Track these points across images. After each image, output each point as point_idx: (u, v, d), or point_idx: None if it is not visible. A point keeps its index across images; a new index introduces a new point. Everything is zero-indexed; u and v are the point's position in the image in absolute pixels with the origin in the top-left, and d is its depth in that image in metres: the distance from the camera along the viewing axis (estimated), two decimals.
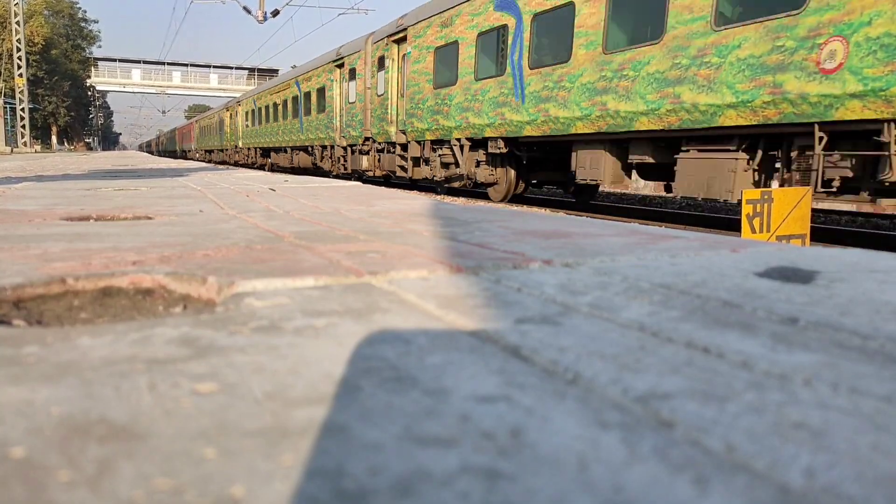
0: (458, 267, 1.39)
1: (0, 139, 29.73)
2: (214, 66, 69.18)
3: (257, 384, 0.69)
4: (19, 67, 29.55)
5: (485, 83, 9.56)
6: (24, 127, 30.50)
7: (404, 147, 12.54)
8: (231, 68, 69.15)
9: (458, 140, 10.44)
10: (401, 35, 12.24)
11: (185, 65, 68.79)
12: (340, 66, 15.55)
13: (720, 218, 8.55)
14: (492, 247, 1.71)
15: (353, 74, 14.80)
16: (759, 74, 5.50)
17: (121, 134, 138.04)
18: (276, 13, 24.74)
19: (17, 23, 29.29)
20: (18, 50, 29.40)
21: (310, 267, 1.37)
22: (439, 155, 11.11)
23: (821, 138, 5.12)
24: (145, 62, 67.18)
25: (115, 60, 66.73)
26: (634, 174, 8.22)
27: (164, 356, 0.78)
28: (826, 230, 7.33)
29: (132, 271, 1.28)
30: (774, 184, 6.05)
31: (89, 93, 61.47)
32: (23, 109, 30.21)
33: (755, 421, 0.60)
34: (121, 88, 66.30)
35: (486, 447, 0.54)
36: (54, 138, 51.08)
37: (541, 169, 10.20)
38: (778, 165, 5.95)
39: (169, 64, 67.24)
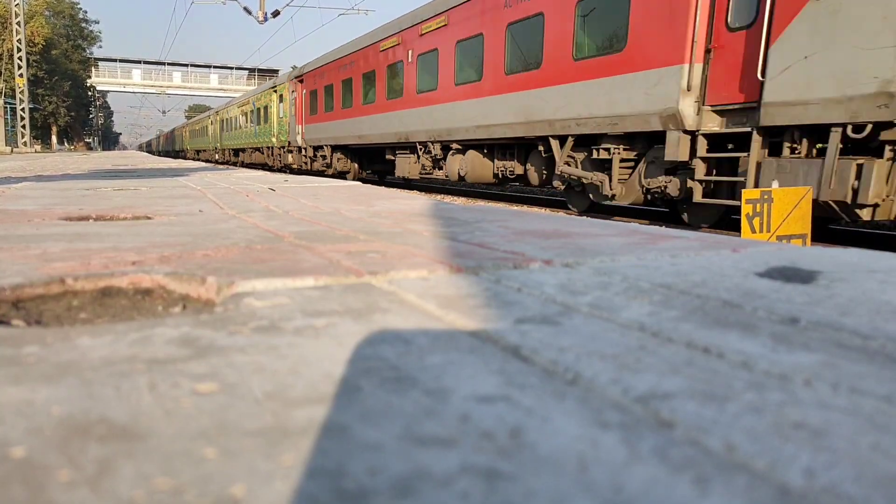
0: (458, 267, 1.39)
1: (0, 139, 29.73)
2: (215, 67, 69.17)
3: (257, 384, 0.69)
4: (20, 68, 29.54)
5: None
6: (24, 127, 30.49)
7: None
8: (231, 68, 69.15)
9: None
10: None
11: (186, 65, 68.76)
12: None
13: (719, 218, 8.53)
14: (492, 247, 1.71)
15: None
16: None
17: (121, 134, 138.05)
18: (276, 14, 24.75)
19: (18, 23, 29.29)
20: (19, 50, 29.40)
21: (310, 267, 1.37)
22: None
23: None
24: (145, 62, 67.17)
25: (115, 61, 66.72)
26: None
27: (164, 356, 0.78)
28: (826, 230, 7.33)
29: (132, 271, 1.28)
30: (775, 184, 6.07)
31: (89, 93, 61.45)
32: (23, 109, 30.20)
33: (755, 421, 0.60)
34: (121, 88, 66.29)
35: (485, 447, 0.54)
36: (54, 138, 51.08)
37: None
38: None
39: (169, 64, 67.24)
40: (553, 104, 8.01)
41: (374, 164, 16.58)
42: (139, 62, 67.13)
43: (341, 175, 16.88)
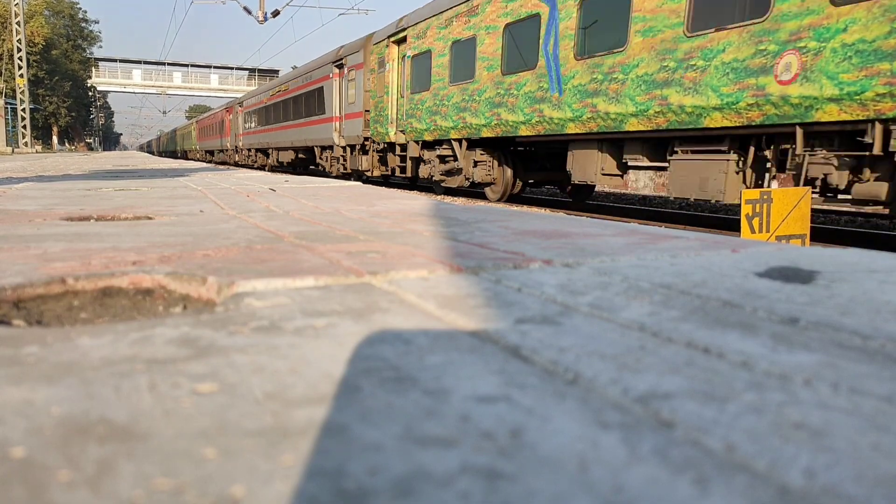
0: (458, 267, 1.39)
1: (1, 139, 29.72)
2: (215, 67, 69.20)
3: (257, 384, 0.69)
4: (20, 68, 29.55)
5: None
6: (24, 127, 30.51)
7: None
8: (231, 69, 69.16)
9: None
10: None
11: (186, 65, 68.79)
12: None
13: (720, 218, 8.55)
14: (492, 247, 1.71)
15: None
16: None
17: (122, 134, 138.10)
18: (276, 13, 24.76)
19: (18, 23, 29.30)
20: (19, 50, 29.40)
21: (310, 267, 1.37)
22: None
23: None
24: (146, 62, 67.21)
25: (115, 61, 66.75)
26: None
27: (164, 356, 0.78)
28: (826, 230, 7.33)
29: (132, 271, 1.28)
30: (774, 184, 6.08)
31: (90, 93, 61.46)
32: (24, 110, 30.21)
33: (755, 421, 0.60)
34: (121, 89, 66.32)
35: (486, 447, 0.54)
36: (55, 139, 51.09)
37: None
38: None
39: (169, 64, 67.26)
40: None
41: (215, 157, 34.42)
42: (139, 62, 67.16)
43: (209, 161, 34.82)
